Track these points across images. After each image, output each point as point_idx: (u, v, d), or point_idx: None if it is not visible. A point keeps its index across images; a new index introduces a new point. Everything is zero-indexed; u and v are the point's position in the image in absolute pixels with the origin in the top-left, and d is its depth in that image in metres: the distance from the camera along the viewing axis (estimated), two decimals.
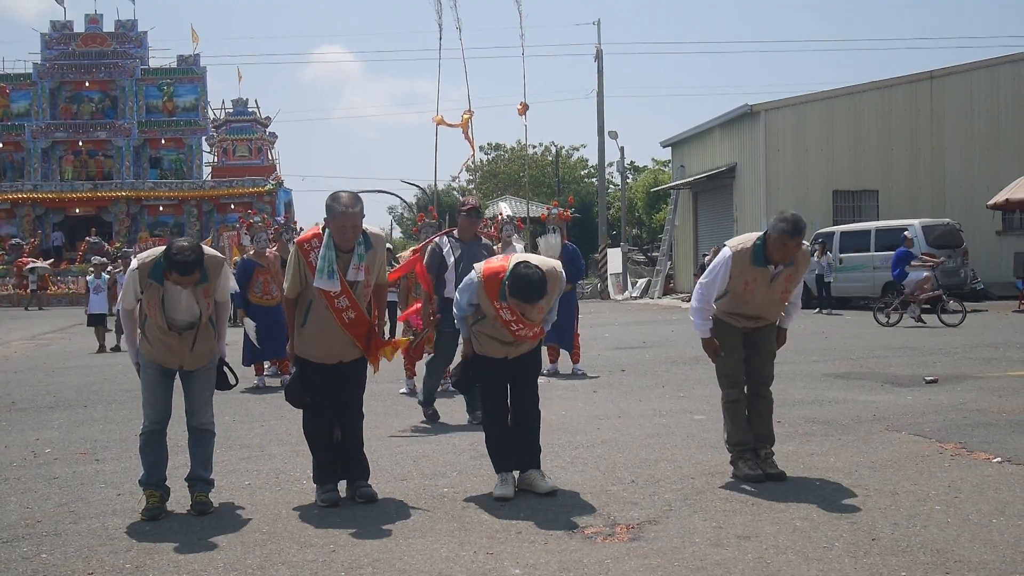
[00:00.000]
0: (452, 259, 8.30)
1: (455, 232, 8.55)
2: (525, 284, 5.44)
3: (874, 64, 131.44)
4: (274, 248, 12.03)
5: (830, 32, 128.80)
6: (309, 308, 5.67)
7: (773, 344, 6.18)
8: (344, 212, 5.52)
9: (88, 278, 18.71)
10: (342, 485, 5.81)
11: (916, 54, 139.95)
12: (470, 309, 5.79)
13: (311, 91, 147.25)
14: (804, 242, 6.00)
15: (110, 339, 17.75)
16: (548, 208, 13.68)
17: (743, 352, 6.11)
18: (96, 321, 17.92)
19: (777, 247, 5.79)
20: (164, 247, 5.41)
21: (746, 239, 5.97)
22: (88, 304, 18.15)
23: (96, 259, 20.23)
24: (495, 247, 11.53)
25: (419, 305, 8.84)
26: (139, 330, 5.56)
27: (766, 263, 5.84)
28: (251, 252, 11.67)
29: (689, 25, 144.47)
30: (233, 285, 5.85)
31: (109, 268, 19.30)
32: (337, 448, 5.85)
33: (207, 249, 5.58)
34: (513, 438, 5.86)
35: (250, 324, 10.93)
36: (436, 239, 8.67)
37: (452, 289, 8.17)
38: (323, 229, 5.65)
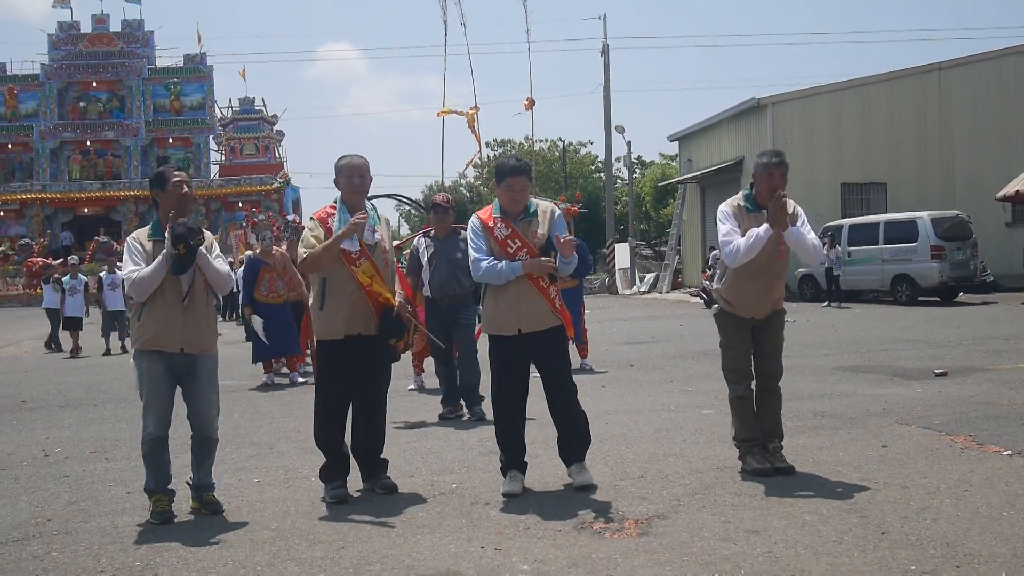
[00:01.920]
0: (425, 259, 8.57)
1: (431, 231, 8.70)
2: (503, 160, 5.97)
3: (882, 56, 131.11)
4: (283, 247, 12.02)
5: (837, 25, 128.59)
6: (324, 288, 5.71)
7: (780, 338, 6.10)
8: (351, 162, 5.82)
9: (64, 279, 17.84)
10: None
11: (924, 46, 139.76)
12: (488, 255, 5.72)
13: (317, 88, 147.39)
14: (792, 201, 5.94)
15: (100, 342, 17.63)
16: (555, 203, 13.63)
17: (751, 346, 6.07)
18: (71, 325, 17.10)
19: (763, 180, 5.89)
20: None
21: (732, 198, 6.13)
22: (62, 306, 17.24)
23: (72, 259, 19.36)
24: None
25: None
26: (137, 319, 5.40)
27: (758, 208, 5.91)
28: (257, 251, 11.68)
29: (696, 19, 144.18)
30: (224, 267, 5.70)
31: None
32: (360, 449, 5.91)
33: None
34: (560, 433, 5.89)
35: (258, 321, 10.99)
36: (415, 240, 8.84)
37: (427, 289, 8.51)
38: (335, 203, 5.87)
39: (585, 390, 9.83)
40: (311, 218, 5.95)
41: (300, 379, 11.49)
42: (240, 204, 45.12)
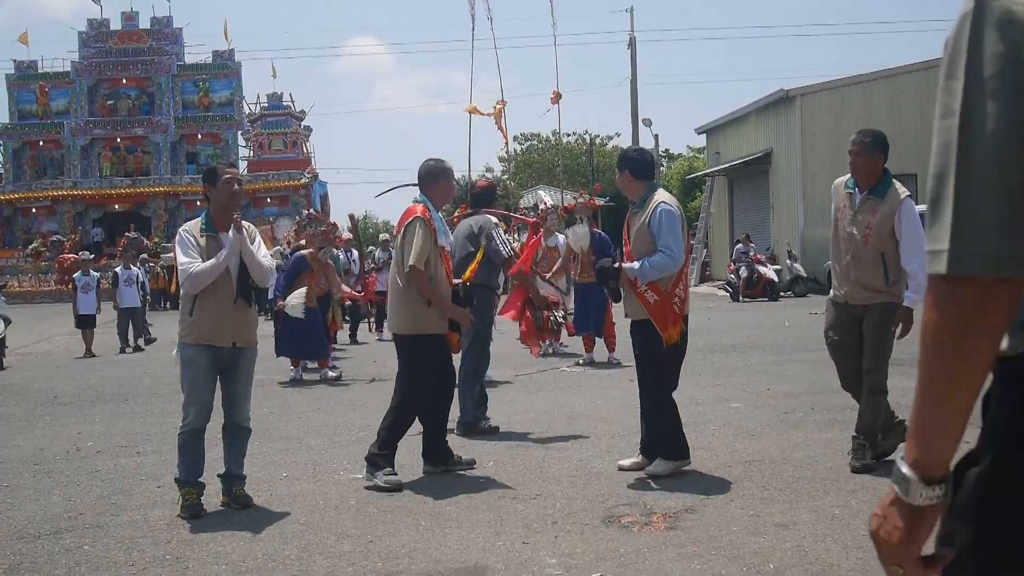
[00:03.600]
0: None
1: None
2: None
3: (912, 46, 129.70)
4: (305, 244, 11.81)
5: (867, 14, 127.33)
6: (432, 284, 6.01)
7: (876, 336, 5.80)
8: (451, 169, 6.25)
9: (76, 275, 16.97)
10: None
11: None
12: None
13: (344, 84, 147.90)
14: (903, 189, 5.73)
15: (105, 341, 17.51)
16: (575, 197, 13.59)
17: (845, 340, 5.90)
18: (85, 323, 16.29)
19: (850, 160, 5.83)
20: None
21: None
22: (76, 304, 16.37)
23: (83, 254, 18.65)
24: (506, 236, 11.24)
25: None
26: (188, 315, 5.46)
27: (855, 187, 5.85)
28: (308, 251, 11.51)
29: (723, 10, 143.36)
30: (267, 260, 5.74)
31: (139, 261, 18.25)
32: (434, 438, 6.22)
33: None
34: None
35: (296, 300, 10.72)
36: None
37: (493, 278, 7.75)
38: (418, 201, 6.18)
39: (613, 384, 9.85)
40: (422, 218, 5.99)
41: (332, 374, 11.46)
42: (268, 200, 45.32)
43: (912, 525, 1.40)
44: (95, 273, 17.45)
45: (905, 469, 1.40)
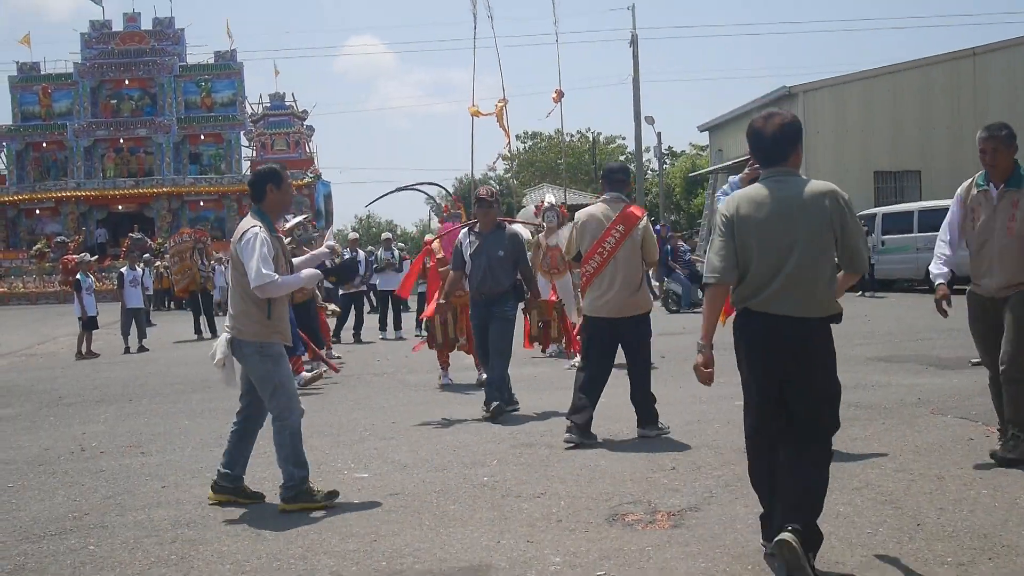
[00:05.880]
0: (468, 254, 8.40)
1: (476, 225, 8.53)
2: None
3: (914, 42, 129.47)
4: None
5: (869, 11, 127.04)
6: None
7: (1016, 315, 5.67)
8: None
9: (78, 276, 16.68)
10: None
11: (958, 31, 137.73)
12: None
13: (345, 83, 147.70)
14: None
15: (110, 341, 17.38)
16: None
17: (987, 332, 5.84)
18: (92, 324, 16.14)
19: (981, 156, 5.70)
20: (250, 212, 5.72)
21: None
22: (84, 306, 16.00)
23: (82, 256, 18.25)
24: (532, 232, 11.55)
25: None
26: (267, 317, 5.50)
27: (986, 182, 5.74)
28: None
29: (725, 7, 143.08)
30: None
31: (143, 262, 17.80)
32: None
33: None
34: None
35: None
36: (459, 235, 8.87)
37: (467, 284, 8.58)
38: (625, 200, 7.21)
39: (616, 382, 9.78)
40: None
41: (305, 374, 10.97)
42: None
43: (704, 359, 4.28)
44: (91, 276, 17.42)
45: (700, 341, 4.36)
